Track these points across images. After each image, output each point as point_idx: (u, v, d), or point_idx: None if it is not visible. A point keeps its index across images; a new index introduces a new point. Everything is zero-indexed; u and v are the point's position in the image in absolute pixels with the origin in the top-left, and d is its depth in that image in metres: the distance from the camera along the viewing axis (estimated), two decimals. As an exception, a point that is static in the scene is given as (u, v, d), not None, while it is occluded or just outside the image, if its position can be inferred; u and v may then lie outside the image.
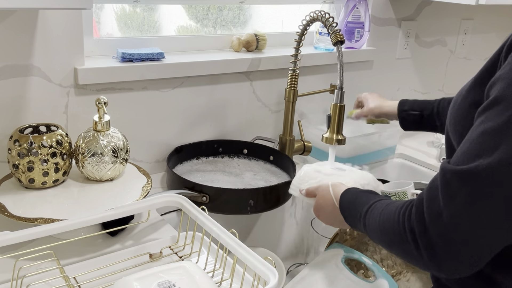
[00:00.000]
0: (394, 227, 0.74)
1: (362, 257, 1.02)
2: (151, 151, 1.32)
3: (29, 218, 0.91)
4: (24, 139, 0.99)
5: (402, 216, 0.72)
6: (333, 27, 1.14)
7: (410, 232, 0.70)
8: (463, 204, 0.64)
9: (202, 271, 0.82)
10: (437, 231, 0.66)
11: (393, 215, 0.75)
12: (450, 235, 0.65)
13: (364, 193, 0.90)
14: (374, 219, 0.80)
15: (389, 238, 0.76)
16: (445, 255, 0.66)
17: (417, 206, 0.70)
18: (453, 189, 0.65)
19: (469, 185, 0.64)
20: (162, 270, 0.79)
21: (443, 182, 0.67)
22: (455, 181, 0.65)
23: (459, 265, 0.67)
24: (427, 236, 0.67)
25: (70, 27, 1.11)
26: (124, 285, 0.76)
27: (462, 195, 0.64)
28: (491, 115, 0.65)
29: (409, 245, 0.70)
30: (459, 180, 0.65)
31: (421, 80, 1.91)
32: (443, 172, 0.68)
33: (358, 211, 0.85)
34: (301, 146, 1.43)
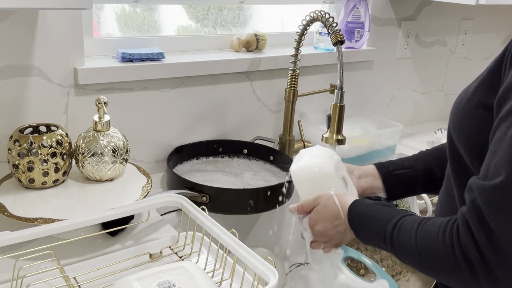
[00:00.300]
0: (440, 253, 0.70)
1: (362, 257, 1.02)
2: (151, 151, 1.32)
3: (29, 218, 0.91)
4: (24, 139, 0.99)
5: (448, 240, 0.69)
6: (333, 27, 1.14)
7: (463, 260, 0.67)
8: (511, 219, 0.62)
9: (202, 271, 0.82)
10: (494, 255, 0.63)
11: (436, 238, 0.71)
12: (507, 255, 0.63)
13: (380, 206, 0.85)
14: (408, 241, 0.75)
15: (434, 263, 0.72)
16: (505, 276, 0.64)
17: (464, 229, 0.67)
18: (499, 206, 0.63)
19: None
20: (162, 270, 0.79)
21: (485, 201, 0.64)
22: (497, 197, 0.63)
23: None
24: (484, 262, 0.65)
25: (70, 27, 1.11)
26: (124, 285, 0.76)
27: (508, 209, 0.62)
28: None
29: (463, 272, 0.67)
30: (502, 194, 0.62)
31: (421, 80, 1.91)
32: (479, 190, 0.65)
33: (381, 229, 0.80)
34: (301, 146, 1.43)
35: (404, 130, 1.77)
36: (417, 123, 1.97)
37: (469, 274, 0.67)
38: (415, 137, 1.79)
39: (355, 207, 0.87)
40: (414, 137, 1.80)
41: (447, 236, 0.69)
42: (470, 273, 0.67)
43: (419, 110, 1.97)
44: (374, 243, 0.84)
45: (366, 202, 0.87)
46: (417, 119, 1.98)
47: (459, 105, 0.79)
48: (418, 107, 1.96)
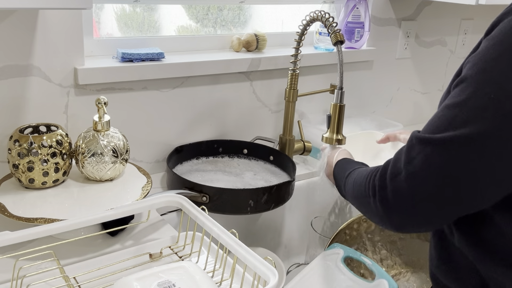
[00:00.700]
0: (361, 183, 0.83)
1: (362, 257, 1.03)
2: (151, 151, 1.32)
3: (29, 218, 0.91)
4: (24, 139, 0.99)
5: (370, 174, 0.81)
6: (333, 27, 1.14)
7: (372, 187, 0.78)
8: (419, 166, 0.70)
9: (202, 271, 0.82)
10: (393, 187, 0.73)
11: (365, 173, 0.83)
12: (402, 192, 0.72)
13: (351, 162, 1.01)
14: (350, 181, 0.90)
15: (356, 193, 0.86)
16: (395, 209, 0.74)
17: (384, 166, 0.77)
18: (414, 152, 0.72)
19: (426, 150, 0.70)
20: (162, 270, 0.79)
21: (408, 145, 0.74)
22: (416, 145, 0.72)
23: (406, 221, 0.74)
24: (384, 191, 0.75)
25: (70, 27, 1.11)
26: (124, 285, 0.76)
27: (419, 157, 0.70)
28: (455, 93, 0.72)
29: (369, 199, 0.78)
30: (420, 144, 0.71)
31: (421, 80, 1.91)
32: (410, 137, 0.74)
33: (342, 176, 0.96)
34: (301, 146, 1.43)
35: (404, 130, 1.77)
36: (417, 123, 1.97)
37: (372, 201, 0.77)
38: (415, 137, 1.79)
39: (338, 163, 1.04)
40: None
41: (372, 171, 0.81)
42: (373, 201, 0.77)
43: (419, 110, 1.97)
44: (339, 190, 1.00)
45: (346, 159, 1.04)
46: (417, 119, 1.97)
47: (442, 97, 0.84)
48: (418, 107, 1.96)
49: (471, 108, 0.68)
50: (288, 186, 1.20)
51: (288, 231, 1.43)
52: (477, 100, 0.68)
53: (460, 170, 0.68)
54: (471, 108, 0.68)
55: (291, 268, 1.30)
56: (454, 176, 0.68)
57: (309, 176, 1.42)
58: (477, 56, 0.71)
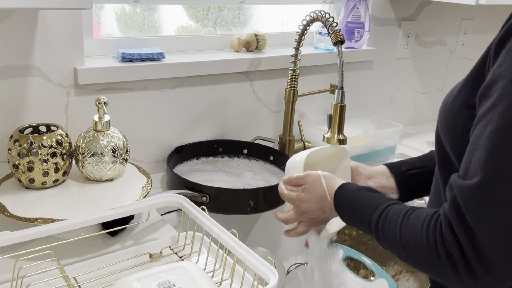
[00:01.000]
0: (424, 247, 0.70)
1: (362, 257, 1.02)
2: (151, 151, 1.32)
3: (29, 218, 0.91)
4: (24, 139, 0.99)
5: (432, 237, 0.69)
6: (333, 27, 1.14)
7: (446, 257, 0.67)
8: (493, 220, 0.62)
9: (202, 271, 0.82)
10: (475, 255, 0.64)
11: (420, 232, 0.71)
12: (487, 256, 0.64)
13: (365, 192, 0.85)
14: (393, 232, 0.75)
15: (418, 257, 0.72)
16: (483, 274, 0.65)
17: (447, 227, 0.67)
18: (477, 206, 0.63)
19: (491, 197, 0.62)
20: (162, 270, 0.79)
21: (464, 201, 0.65)
22: (475, 197, 0.63)
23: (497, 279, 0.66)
24: (465, 260, 0.65)
25: (70, 27, 1.11)
26: (124, 285, 0.76)
27: (487, 211, 0.62)
28: (495, 116, 0.64)
29: (446, 269, 0.68)
30: (479, 194, 0.63)
31: (421, 80, 1.91)
32: (459, 189, 0.66)
33: (366, 217, 0.81)
34: (301, 146, 1.43)
35: (404, 130, 1.77)
36: (417, 123, 1.97)
37: (453, 272, 0.67)
38: (415, 137, 1.79)
39: (342, 191, 0.87)
40: (414, 137, 1.80)
41: (431, 232, 0.70)
42: (452, 270, 0.67)
43: (419, 110, 1.97)
44: (359, 228, 0.84)
45: (353, 186, 0.88)
46: (417, 119, 1.98)
47: (446, 104, 0.80)
48: (418, 107, 1.96)
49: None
50: (288, 186, 1.20)
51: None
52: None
53: None
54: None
55: (291, 268, 1.30)
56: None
57: (309, 176, 1.41)
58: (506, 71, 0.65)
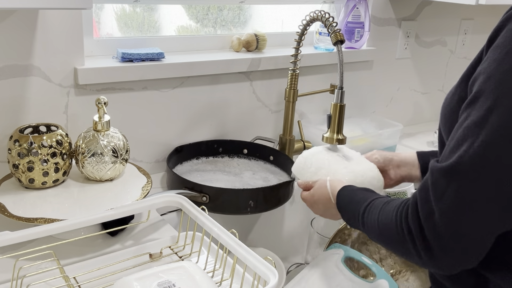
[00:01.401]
0: (392, 227, 0.75)
1: (362, 257, 1.02)
2: (151, 151, 1.32)
3: (29, 218, 0.91)
4: (24, 139, 0.99)
5: (399, 216, 0.74)
6: (333, 27, 1.14)
7: (408, 233, 0.72)
8: (452, 201, 0.66)
9: (202, 271, 0.82)
10: (431, 230, 0.68)
11: (391, 215, 0.76)
12: (442, 233, 0.67)
13: (360, 191, 0.91)
14: (373, 218, 0.81)
15: (388, 238, 0.77)
16: (440, 253, 0.68)
17: (412, 206, 0.72)
18: (441, 187, 0.67)
19: (454, 180, 0.66)
20: (162, 270, 0.79)
21: (432, 181, 0.69)
22: (441, 179, 0.67)
23: (455, 262, 0.69)
24: (422, 236, 0.69)
25: (70, 27, 1.11)
26: (124, 285, 0.76)
27: (449, 191, 0.66)
28: (472, 111, 0.67)
29: (408, 244, 0.72)
30: (445, 177, 0.67)
31: (421, 80, 1.91)
32: (431, 171, 0.70)
33: (356, 210, 0.87)
34: (301, 146, 1.44)
35: (404, 130, 1.77)
36: (417, 123, 1.97)
37: (412, 247, 0.71)
38: (415, 137, 1.79)
39: (342, 193, 0.93)
40: (414, 137, 1.80)
41: (399, 212, 0.74)
42: (412, 246, 0.71)
43: (419, 110, 1.97)
44: (354, 224, 0.89)
45: (352, 187, 0.94)
46: (417, 119, 1.98)
47: (445, 101, 0.81)
48: (418, 107, 1.96)
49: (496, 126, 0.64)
50: (288, 186, 1.20)
51: (288, 231, 1.43)
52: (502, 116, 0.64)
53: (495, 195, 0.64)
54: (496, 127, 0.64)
55: (291, 268, 1.30)
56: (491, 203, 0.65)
57: (309, 176, 1.42)
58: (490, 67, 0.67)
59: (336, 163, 1.05)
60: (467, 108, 0.69)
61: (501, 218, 0.67)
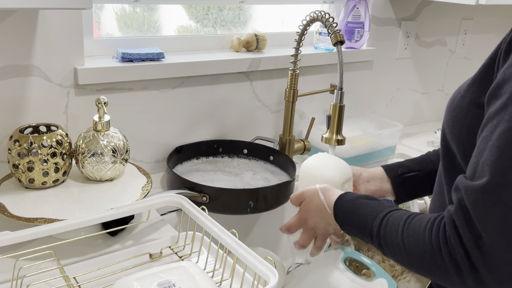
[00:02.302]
0: (427, 252, 0.69)
1: (362, 257, 1.03)
2: (151, 151, 1.32)
3: (29, 218, 0.91)
4: (24, 139, 0.99)
5: (435, 240, 0.68)
6: (333, 27, 1.14)
7: (450, 260, 0.66)
8: (500, 222, 0.61)
9: (202, 271, 0.82)
10: (480, 258, 0.63)
11: (423, 237, 0.70)
12: (494, 258, 0.62)
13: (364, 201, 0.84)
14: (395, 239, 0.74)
15: (421, 263, 0.71)
16: (490, 279, 0.63)
17: (451, 229, 0.66)
18: (485, 208, 0.62)
19: (499, 199, 0.61)
20: (162, 270, 0.79)
21: (471, 202, 0.63)
22: (483, 199, 0.62)
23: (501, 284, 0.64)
24: (470, 263, 0.64)
25: (70, 27, 1.11)
26: (124, 285, 0.76)
27: (495, 212, 0.61)
28: (504, 116, 0.63)
29: (449, 273, 0.67)
30: (487, 195, 0.61)
31: (421, 80, 1.91)
32: (466, 190, 0.64)
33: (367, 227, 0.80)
34: (301, 146, 1.43)
35: (404, 130, 1.77)
36: (417, 123, 1.97)
37: (456, 275, 0.66)
38: (415, 137, 1.79)
39: (340, 202, 0.87)
40: (414, 137, 1.80)
41: (434, 235, 0.68)
42: (456, 274, 0.66)
43: (419, 110, 1.97)
44: (361, 238, 0.84)
45: (351, 196, 0.87)
46: (417, 119, 1.98)
47: (452, 103, 0.79)
48: (418, 107, 1.96)
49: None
50: (288, 186, 1.20)
51: (288, 231, 1.42)
52: None
53: None
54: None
55: (291, 268, 1.30)
56: None
57: (309, 176, 1.42)
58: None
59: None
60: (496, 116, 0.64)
61: None
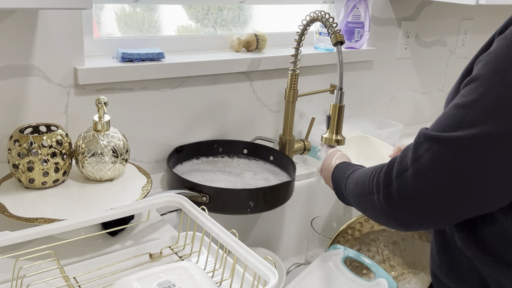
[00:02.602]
0: (364, 181, 0.81)
1: (362, 257, 1.03)
2: (151, 151, 1.32)
3: (29, 218, 0.91)
4: (24, 139, 0.99)
5: (374, 171, 0.79)
6: (333, 27, 1.14)
7: (376, 184, 0.77)
8: (427, 163, 0.69)
9: (202, 271, 0.82)
10: (399, 184, 0.72)
11: (368, 171, 0.82)
12: (408, 190, 0.71)
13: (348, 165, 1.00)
14: (352, 179, 0.89)
15: (358, 191, 0.84)
16: (400, 206, 0.72)
17: (390, 163, 0.76)
18: (422, 149, 0.70)
19: (435, 148, 0.69)
20: (162, 270, 0.79)
21: (415, 143, 0.72)
22: (424, 143, 0.70)
23: (411, 219, 0.73)
24: (389, 188, 0.73)
25: (70, 27, 1.11)
26: (124, 285, 0.76)
27: (427, 155, 0.69)
28: (466, 92, 0.70)
29: (372, 196, 0.77)
30: (428, 142, 0.70)
31: (421, 80, 1.91)
32: (418, 134, 0.73)
33: (341, 182, 0.95)
34: (301, 146, 1.43)
35: (404, 130, 1.77)
36: (417, 123, 1.97)
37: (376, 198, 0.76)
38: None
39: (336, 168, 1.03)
40: (414, 137, 1.79)
41: (376, 169, 0.79)
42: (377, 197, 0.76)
43: (419, 110, 1.97)
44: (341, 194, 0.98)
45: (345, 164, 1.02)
46: (417, 119, 1.98)
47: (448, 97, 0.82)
48: (418, 107, 1.96)
49: (482, 108, 0.66)
50: (288, 186, 1.20)
51: (288, 231, 1.43)
52: (489, 101, 0.66)
53: (469, 170, 0.66)
54: (482, 109, 0.66)
55: (291, 268, 1.30)
56: (462, 175, 0.67)
57: (309, 176, 1.42)
58: (489, 55, 0.69)
59: None
60: (462, 89, 0.72)
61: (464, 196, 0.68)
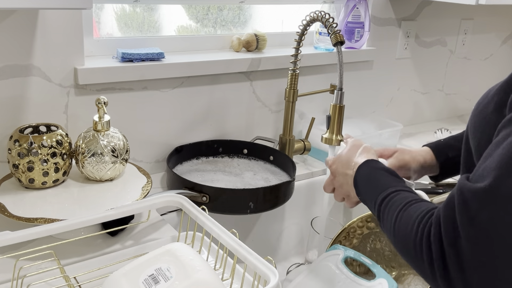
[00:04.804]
0: (410, 240, 0.70)
1: (362, 257, 1.03)
2: (151, 151, 1.32)
3: (29, 218, 0.91)
4: (24, 139, 0.99)
5: (420, 231, 0.68)
6: (333, 27, 1.14)
7: (426, 252, 0.66)
8: (482, 229, 0.59)
9: (190, 249, 0.79)
10: (454, 257, 0.62)
11: (411, 225, 0.70)
12: (465, 262, 0.61)
13: (383, 172, 0.85)
14: (390, 218, 0.76)
15: (403, 248, 0.72)
16: (458, 282, 0.63)
17: (436, 223, 0.65)
18: (472, 210, 0.60)
19: (489, 206, 0.59)
20: (148, 259, 0.76)
21: (460, 201, 0.62)
22: (473, 201, 0.60)
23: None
24: (443, 260, 0.64)
25: (70, 27, 1.11)
26: (112, 282, 0.75)
27: (481, 217, 0.59)
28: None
29: (423, 264, 0.67)
30: (478, 200, 0.60)
31: (421, 80, 1.92)
32: (460, 190, 0.63)
33: (373, 196, 0.82)
34: (301, 146, 1.43)
35: (404, 130, 1.77)
36: (417, 123, 1.97)
37: (429, 269, 0.66)
38: (415, 137, 1.79)
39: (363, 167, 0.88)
40: (414, 137, 1.80)
41: (421, 225, 0.68)
42: (430, 268, 0.66)
43: (419, 110, 1.97)
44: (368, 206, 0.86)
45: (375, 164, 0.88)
46: (417, 119, 1.98)
47: (478, 107, 0.76)
48: (418, 107, 1.96)
49: None
50: (288, 186, 1.20)
51: (288, 231, 1.43)
52: None
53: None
54: None
55: (291, 268, 1.30)
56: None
57: (309, 176, 1.42)
58: None
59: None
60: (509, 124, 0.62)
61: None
